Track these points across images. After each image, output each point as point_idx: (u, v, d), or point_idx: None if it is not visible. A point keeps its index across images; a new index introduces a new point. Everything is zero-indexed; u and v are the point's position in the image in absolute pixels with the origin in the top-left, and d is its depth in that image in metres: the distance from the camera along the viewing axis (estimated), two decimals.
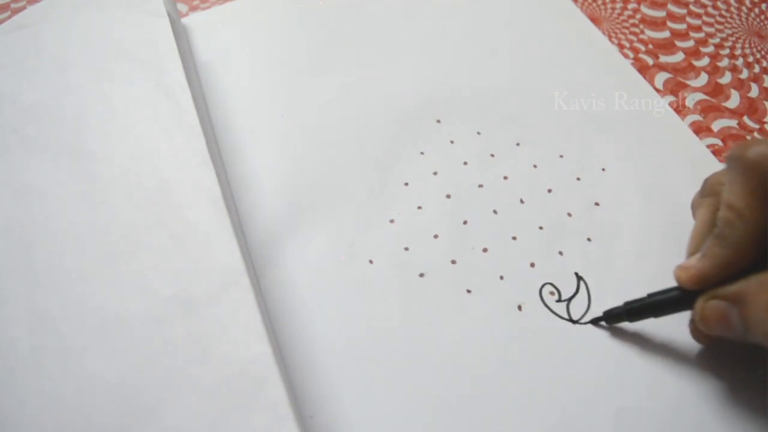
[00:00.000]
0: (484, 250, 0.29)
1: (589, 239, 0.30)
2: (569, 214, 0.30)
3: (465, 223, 0.30)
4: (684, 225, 0.29)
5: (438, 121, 0.34)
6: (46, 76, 0.28)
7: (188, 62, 0.32)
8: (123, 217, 0.25)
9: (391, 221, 0.30)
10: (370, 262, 0.28)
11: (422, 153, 0.32)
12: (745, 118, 0.35)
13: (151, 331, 0.23)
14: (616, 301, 0.27)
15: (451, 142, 0.33)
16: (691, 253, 0.25)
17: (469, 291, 0.28)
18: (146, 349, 0.22)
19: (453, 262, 0.29)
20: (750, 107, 0.35)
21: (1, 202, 0.25)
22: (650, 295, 0.26)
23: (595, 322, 0.27)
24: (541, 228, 0.30)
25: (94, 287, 0.24)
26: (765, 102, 0.35)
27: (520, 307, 0.27)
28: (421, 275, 0.28)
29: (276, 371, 0.21)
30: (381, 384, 0.25)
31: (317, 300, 0.27)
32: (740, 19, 0.40)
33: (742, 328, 0.22)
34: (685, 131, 0.33)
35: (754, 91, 0.36)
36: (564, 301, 0.28)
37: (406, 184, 0.31)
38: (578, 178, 0.32)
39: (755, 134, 0.34)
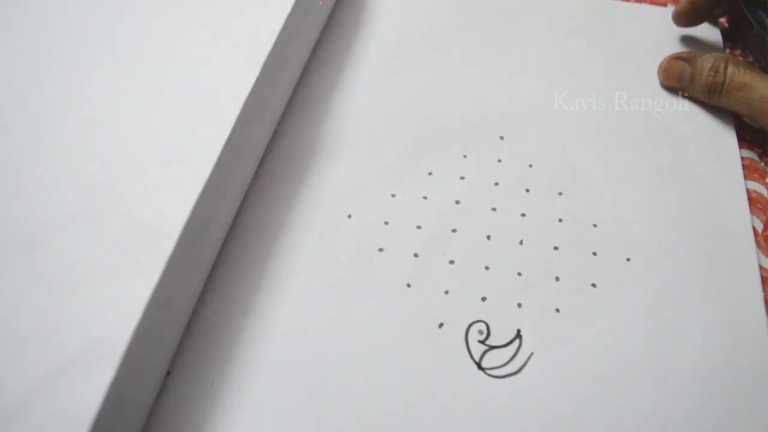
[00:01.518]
0: (451, 261, 0.29)
1: (557, 310, 0.27)
2: (557, 278, 0.28)
3: (454, 231, 0.30)
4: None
5: (501, 138, 0.33)
6: None
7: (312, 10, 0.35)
8: (140, 114, 0.27)
9: (393, 195, 0.31)
10: (349, 216, 0.30)
11: (465, 156, 0.32)
12: (746, 118, 0.34)
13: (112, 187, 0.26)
14: (539, 381, 0.26)
15: (499, 161, 0.32)
16: None
17: (408, 285, 0.28)
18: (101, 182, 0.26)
19: (415, 255, 0.29)
20: None
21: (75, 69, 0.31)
22: None
23: None
24: (519, 274, 0.28)
25: (94, 149, 0.27)
26: None
27: (441, 326, 0.27)
28: (380, 250, 0.29)
29: (173, 240, 0.24)
30: (279, 331, 0.27)
31: (281, 233, 0.30)
32: None
33: None
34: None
35: None
36: (486, 345, 0.26)
37: (430, 173, 0.32)
38: (594, 253, 0.29)
39: (755, 134, 0.34)
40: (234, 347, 0.26)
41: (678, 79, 0.34)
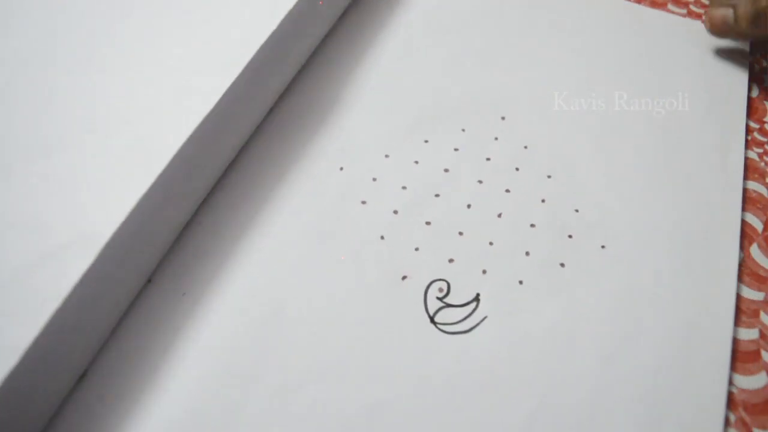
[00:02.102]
0: (427, 222, 0.30)
1: (521, 282, 0.28)
2: (527, 253, 0.29)
3: (437, 195, 0.31)
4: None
5: (502, 118, 0.34)
6: None
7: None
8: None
9: (386, 156, 0.32)
10: (341, 168, 0.32)
11: (463, 130, 0.33)
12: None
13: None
14: (487, 344, 0.26)
15: (496, 138, 0.33)
16: None
17: (382, 237, 0.29)
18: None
19: (395, 212, 0.30)
20: (750, 107, 0.35)
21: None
22: None
23: None
24: (490, 244, 0.29)
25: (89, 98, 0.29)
26: (765, 102, 0.36)
27: (404, 278, 0.28)
28: (363, 202, 0.30)
29: (167, 159, 0.26)
30: (256, 258, 0.29)
31: (278, 174, 0.32)
32: None
33: None
34: None
35: (754, 91, 0.36)
36: (443, 302, 0.27)
37: (426, 141, 0.33)
38: (570, 236, 0.30)
39: (755, 134, 0.34)
40: (212, 268, 0.28)
41: (723, 23, 0.35)
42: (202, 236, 0.29)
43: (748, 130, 0.34)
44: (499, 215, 0.30)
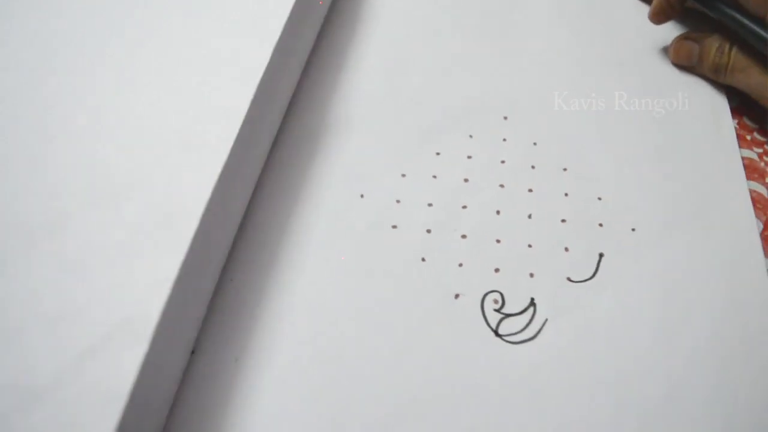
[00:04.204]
0: (463, 236, 0.29)
1: (569, 279, 0.28)
2: (566, 249, 0.29)
3: (464, 207, 0.30)
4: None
5: (505, 118, 0.34)
6: None
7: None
8: (155, 102, 0.28)
9: (403, 175, 0.31)
10: (361, 196, 0.31)
11: (471, 136, 0.33)
12: (745, 119, 0.35)
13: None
14: (556, 346, 0.26)
15: (504, 139, 0.33)
16: None
17: (423, 260, 0.29)
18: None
19: (428, 231, 0.30)
20: (750, 107, 0.35)
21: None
22: None
23: None
24: (529, 246, 0.29)
25: (112, 136, 0.27)
26: None
27: (457, 296, 0.28)
28: (394, 227, 0.30)
29: (197, 218, 0.24)
30: (298, 308, 0.27)
31: (295, 213, 0.30)
32: None
33: None
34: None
35: None
36: (502, 313, 0.27)
37: (438, 153, 0.32)
38: (600, 224, 0.30)
39: (755, 134, 0.34)
40: (255, 325, 0.27)
41: (687, 59, 0.35)
42: (234, 293, 0.28)
43: (748, 130, 0.34)
44: (529, 216, 0.30)
